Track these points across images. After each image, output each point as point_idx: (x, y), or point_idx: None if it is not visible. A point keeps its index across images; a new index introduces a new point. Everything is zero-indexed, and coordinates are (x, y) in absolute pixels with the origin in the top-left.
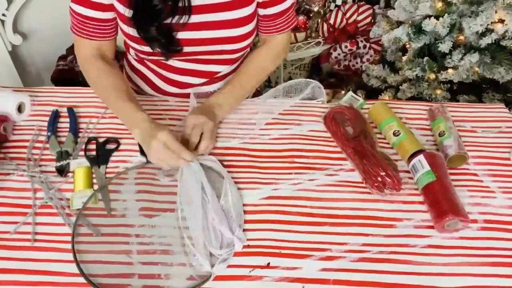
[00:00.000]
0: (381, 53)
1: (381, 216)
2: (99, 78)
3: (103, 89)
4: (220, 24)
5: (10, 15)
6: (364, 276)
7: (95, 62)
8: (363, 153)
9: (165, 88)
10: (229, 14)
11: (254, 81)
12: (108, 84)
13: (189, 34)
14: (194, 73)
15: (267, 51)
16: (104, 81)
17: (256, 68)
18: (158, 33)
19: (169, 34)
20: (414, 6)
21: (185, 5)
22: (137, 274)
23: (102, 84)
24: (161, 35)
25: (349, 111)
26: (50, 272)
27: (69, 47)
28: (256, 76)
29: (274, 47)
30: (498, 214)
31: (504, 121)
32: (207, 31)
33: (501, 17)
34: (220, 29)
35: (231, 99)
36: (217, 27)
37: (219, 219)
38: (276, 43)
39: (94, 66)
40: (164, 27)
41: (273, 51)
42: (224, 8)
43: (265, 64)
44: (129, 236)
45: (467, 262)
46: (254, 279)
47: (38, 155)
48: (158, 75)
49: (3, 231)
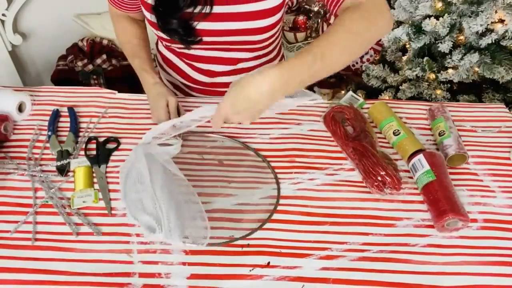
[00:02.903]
0: (381, 53)
1: (381, 215)
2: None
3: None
4: (243, 16)
5: (10, 15)
6: (364, 275)
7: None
8: (363, 153)
9: (194, 76)
10: (253, 5)
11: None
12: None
13: (210, 25)
14: (217, 60)
15: (352, 11)
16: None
17: (344, 34)
18: (178, 25)
19: (189, 26)
20: (414, 6)
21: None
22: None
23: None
24: (180, 27)
25: (349, 110)
26: (51, 271)
27: (69, 47)
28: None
29: (357, 8)
30: (498, 214)
31: (504, 121)
32: (228, 23)
33: (501, 17)
34: (243, 21)
35: (305, 71)
36: (240, 18)
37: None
38: (359, 8)
39: (122, 25)
40: (184, 19)
41: (360, 10)
42: (247, 0)
43: (357, 28)
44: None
45: (467, 261)
46: (254, 278)
47: (39, 154)
48: (185, 62)
49: (3, 230)
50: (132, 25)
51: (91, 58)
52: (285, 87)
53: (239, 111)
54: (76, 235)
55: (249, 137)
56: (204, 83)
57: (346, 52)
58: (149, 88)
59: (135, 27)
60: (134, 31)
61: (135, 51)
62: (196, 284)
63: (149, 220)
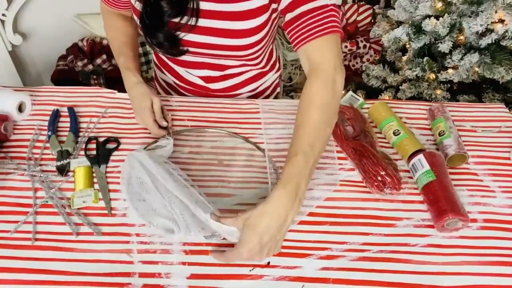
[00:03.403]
0: (381, 53)
1: (381, 215)
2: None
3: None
4: (228, 33)
5: (10, 15)
6: (364, 275)
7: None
8: (363, 153)
9: (194, 81)
10: (238, 24)
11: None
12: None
13: (196, 37)
14: (211, 66)
15: (317, 81)
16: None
17: (318, 111)
18: (164, 39)
19: (175, 38)
20: (414, 6)
21: (194, 7)
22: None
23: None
24: (166, 41)
25: (349, 110)
26: (51, 271)
27: (69, 47)
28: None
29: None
30: (497, 214)
31: (504, 121)
32: (213, 37)
33: (501, 17)
34: (227, 38)
35: (306, 172)
36: (224, 35)
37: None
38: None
39: (111, 21)
40: (170, 31)
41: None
42: (234, 17)
43: (325, 102)
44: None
45: (467, 261)
46: (254, 278)
47: (39, 154)
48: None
49: (3, 230)
50: (121, 22)
51: (91, 58)
52: (296, 200)
53: (262, 251)
54: (76, 235)
55: (249, 137)
56: (198, 85)
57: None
58: (131, 86)
59: (124, 24)
60: (124, 29)
61: (122, 48)
62: (196, 284)
63: (165, 222)
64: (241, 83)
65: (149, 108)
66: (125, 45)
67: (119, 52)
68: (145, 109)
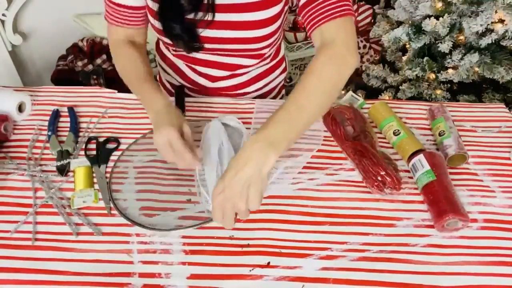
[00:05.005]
0: (381, 53)
1: (381, 215)
2: (123, 63)
3: (127, 74)
4: (244, 25)
5: (10, 15)
6: (364, 275)
7: (123, 47)
8: (363, 153)
9: (197, 80)
10: (253, 14)
11: (316, 97)
12: (131, 68)
13: (212, 33)
14: (219, 66)
15: (321, 56)
16: (128, 66)
17: (315, 80)
18: (182, 31)
19: (193, 32)
20: (414, 6)
21: (209, 3)
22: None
23: (126, 69)
24: (184, 33)
25: (349, 110)
26: (51, 271)
27: (69, 47)
28: (319, 92)
29: (329, 51)
30: (498, 214)
31: (504, 121)
32: (230, 31)
33: (501, 17)
34: (244, 30)
35: (287, 128)
36: (241, 27)
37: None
38: (331, 45)
39: (122, 52)
40: (188, 25)
41: (330, 54)
42: (249, 9)
43: (326, 73)
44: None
45: (467, 261)
46: (254, 278)
47: (39, 154)
48: (188, 66)
49: (3, 230)
50: (136, 50)
51: (91, 58)
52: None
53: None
54: (76, 235)
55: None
56: (202, 86)
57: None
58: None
59: (139, 53)
60: (139, 56)
61: (144, 76)
62: (196, 284)
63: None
64: (247, 82)
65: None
66: (147, 73)
67: (142, 79)
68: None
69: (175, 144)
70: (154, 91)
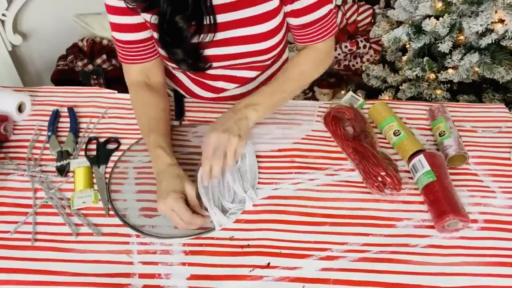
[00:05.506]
0: (381, 53)
1: (381, 216)
2: (136, 108)
3: (138, 120)
4: (246, 39)
5: (10, 15)
6: (364, 276)
7: (139, 91)
8: (363, 153)
9: (200, 93)
10: (254, 28)
11: (294, 84)
12: (141, 114)
13: (216, 51)
14: (227, 79)
15: (306, 56)
16: (139, 112)
17: (296, 71)
18: (184, 54)
19: (196, 54)
20: (414, 6)
21: (211, 23)
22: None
23: (137, 114)
24: (188, 56)
25: (349, 111)
26: (50, 272)
27: (69, 47)
28: (297, 80)
29: (313, 54)
30: (498, 214)
31: (504, 121)
32: (233, 47)
33: (501, 17)
34: (246, 44)
35: (268, 100)
36: (243, 42)
37: (233, 178)
38: (316, 50)
39: (136, 96)
40: (190, 47)
41: (313, 57)
42: (249, 23)
43: (305, 68)
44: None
45: (467, 262)
46: (254, 279)
47: (39, 154)
48: (192, 79)
49: (3, 231)
50: (151, 94)
51: (91, 58)
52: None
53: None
54: (76, 235)
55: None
56: (209, 98)
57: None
58: (163, 169)
59: (154, 96)
60: (153, 100)
61: (152, 124)
62: (196, 285)
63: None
64: (253, 89)
65: (182, 198)
66: (157, 120)
67: (149, 129)
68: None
69: (182, 214)
70: (159, 146)
